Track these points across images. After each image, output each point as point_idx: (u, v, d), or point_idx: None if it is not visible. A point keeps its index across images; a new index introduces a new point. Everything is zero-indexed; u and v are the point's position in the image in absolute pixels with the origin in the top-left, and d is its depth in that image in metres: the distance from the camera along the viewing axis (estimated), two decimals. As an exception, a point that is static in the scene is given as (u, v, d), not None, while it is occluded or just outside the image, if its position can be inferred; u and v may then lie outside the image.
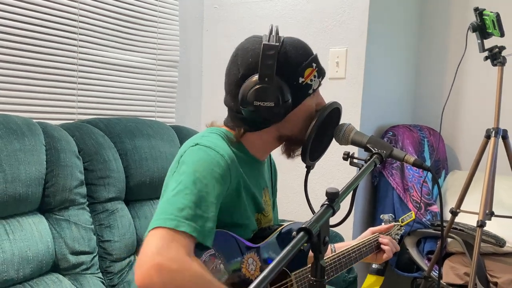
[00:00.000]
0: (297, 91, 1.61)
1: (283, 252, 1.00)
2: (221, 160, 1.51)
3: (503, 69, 2.81)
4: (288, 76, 1.59)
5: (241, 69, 1.61)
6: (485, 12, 2.75)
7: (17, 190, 2.08)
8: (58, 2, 2.77)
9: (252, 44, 1.62)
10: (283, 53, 1.59)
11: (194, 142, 1.56)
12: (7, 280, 2.00)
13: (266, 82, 1.54)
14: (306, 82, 1.62)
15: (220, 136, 1.65)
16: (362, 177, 1.43)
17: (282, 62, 1.57)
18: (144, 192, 2.67)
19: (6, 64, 2.57)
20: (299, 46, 1.65)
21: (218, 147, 1.54)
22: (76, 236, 2.28)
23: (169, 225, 1.35)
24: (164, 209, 1.41)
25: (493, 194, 2.87)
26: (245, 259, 1.60)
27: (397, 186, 3.39)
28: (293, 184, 2.54)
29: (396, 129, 3.53)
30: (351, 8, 3.25)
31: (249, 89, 1.56)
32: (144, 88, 3.35)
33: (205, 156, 1.50)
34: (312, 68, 1.64)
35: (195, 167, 1.48)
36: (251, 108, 1.56)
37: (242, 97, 1.58)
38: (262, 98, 1.54)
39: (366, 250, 2.03)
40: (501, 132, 2.83)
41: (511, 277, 2.93)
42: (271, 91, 1.54)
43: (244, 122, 1.65)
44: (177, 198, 1.42)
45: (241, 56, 1.63)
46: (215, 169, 1.48)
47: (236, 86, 1.61)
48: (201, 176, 1.46)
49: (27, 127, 2.21)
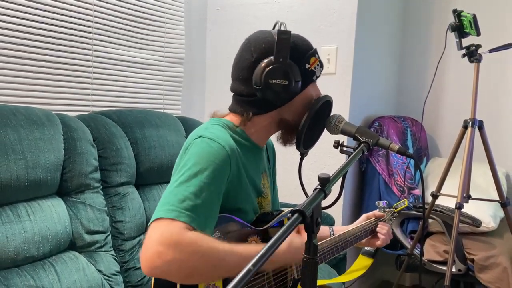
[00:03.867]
0: (304, 76, 1.61)
1: (280, 231, 0.99)
2: (222, 151, 1.49)
3: (479, 66, 2.82)
4: (298, 61, 1.60)
5: (255, 54, 1.60)
6: (463, 13, 2.75)
7: (37, 175, 2.08)
8: (75, 4, 2.76)
9: (263, 34, 1.63)
10: (293, 41, 1.60)
11: (197, 135, 1.55)
12: (29, 257, 2.01)
13: (281, 62, 1.55)
14: (311, 69, 1.63)
15: (222, 127, 1.64)
16: (351, 163, 1.43)
17: (293, 49, 1.59)
18: (153, 177, 2.67)
19: (28, 61, 2.57)
20: (304, 39, 1.67)
21: (219, 138, 1.53)
22: (91, 217, 2.28)
23: (169, 216, 1.35)
24: (167, 200, 1.40)
25: (470, 179, 2.87)
26: (249, 241, 1.59)
27: (382, 171, 3.39)
28: (288, 170, 2.54)
29: (382, 119, 3.53)
30: (341, 10, 3.24)
31: (264, 69, 1.56)
32: (152, 83, 3.34)
33: (207, 147, 1.49)
34: (315, 57, 1.65)
35: (197, 159, 1.47)
36: (266, 86, 1.56)
37: (256, 77, 1.58)
38: (277, 76, 1.55)
39: (361, 235, 2.02)
40: (477, 123, 2.83)
41: (486, 254, 2.93)
42: (286, 71, 1.55)
43: (254, 105, 1.64)
44: (179, 189, 1.41)
45: (254, 43, 1.63)
46: (216, 160, 1.47)
47: (248, 70, 1.61)
48: (203, 168, 1.45)
49: (47, 118, 2.21)
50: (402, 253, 3.24)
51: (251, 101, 1.64)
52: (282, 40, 1.53)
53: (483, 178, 3.29)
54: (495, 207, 3.15)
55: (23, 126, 2.07)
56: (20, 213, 2.02)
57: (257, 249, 1.39)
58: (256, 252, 1.14)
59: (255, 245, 1.42)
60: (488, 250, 2.95)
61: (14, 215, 1.99)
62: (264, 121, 1.68)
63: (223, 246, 1.38)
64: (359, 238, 2.01)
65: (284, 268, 1.70)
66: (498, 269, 2.88)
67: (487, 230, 3.07)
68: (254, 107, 1.65)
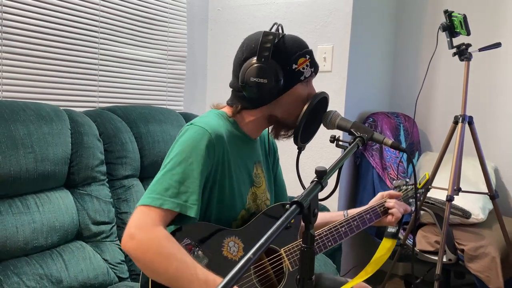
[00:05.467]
0: (290, 76, 1.61)
1: (278, 222, 0.99)
2: (206, 136, 1.53)
3: (469, 64, 2.81)
4: (283, 61, 1.60)
5: (245, 53, 1.63)
6: (453, 14, 2.75)
7: (46, 168, 2.09)
8: (82, 5, 2.76)
9: (257, 35, 1.64)
10: (282, 42, 1.61)
11: (190, 122, 1.61)
12: (37, 246, 2.02)
13: (263, 62, 1.57)
14: (298, 69, 1.63)
15: (216, 116, 1.67)
16: (347, 157, 1.43)
17: (279, 49, 1.60)
18: (156, 170, 2.60)
19: (38, 59, 2.58)
20: (297, 40, 1.66)
21: (207, 125, 1.56)
22: (97, 208, 2.28)
23: (154, 204, 1.44)
24: (154, 188, 1.49)
25: (460, 173, 2.87)
26: (225, 243, 1.58)
27: (376, 165, 3.39)
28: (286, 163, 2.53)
29: (376, 115, 3.53)
30: (337, 11, 3.24)
31: (248, 67, 1.59)
32: (156, 80, 3.34)
33: (193, 135, 1.54)
34: (305, 58, 1.64)
35: (183, 147, 1.52)
36: (249, 84, 1.58)
37: (242, 74, 1.60)
38: (258, 75, 1.56)
39: (370, 217, 1.88)
40: (467, 119, 2.83)
41: (475, 244, 2.93)
42: (266, 70, 1.56)
43: (242, 99, 1.67)
44: (164, 178, 1.50)
45: (247, 43, 1.65)
46: (200, 146, 1.51)
47: (239, 67, 1.64)
48: (187, 156, 1.50)
49: (55, 114, 2.21)
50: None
51: (240, 96, 1.67)
52: (265, 41, 1.56)
53: (473, 172, 3.29)
54: (484, 199, 3.15)
55: (32, 121, 2.07)
56: (29, 204, 2.03)
57: (214, 278, 1.40)
58: (213, 280, 1.34)
59: (214, 275, 1.42)
60: (478, 240, 2.96)
61: (23, 207, 2.00)
62: (253, 115, 1.70)
63: (185, 257, 1.41)
64: (368, 220, 1.88)
65: (279, 260, 1.70)
66: (487, 259, 2.89)
67: (477, 221, 3.07)
68: (242, 102, 1.68)
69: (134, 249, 1.39)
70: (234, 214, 1.69)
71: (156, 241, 1.39)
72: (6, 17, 2.42)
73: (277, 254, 1.70)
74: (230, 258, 1.58)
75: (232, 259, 1.59)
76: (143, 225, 1.41)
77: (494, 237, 2.98)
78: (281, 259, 1.70)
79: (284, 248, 1.71)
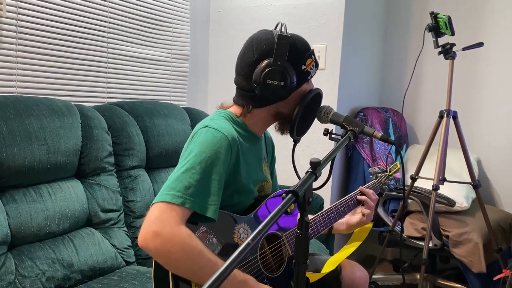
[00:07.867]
0: (299, 76, 1.60)
1: (275, 210, 0.99)
2: (225, 140, 1.49)
3: (454, 62, 2.83)
4: (295, 63, 1.58)
5: (256, 54, 1.59)
6: (439, 15, 2.75)
7: (58, 159, 2.09)
8: (92, 7, 2.75)
9: (265, 35, 1.60)
10: (293, 44, 1.59)
11: (204, 125, 1.55)
12: (50, 232, 2.02)
13: (279, 65, 1.54)
14: (306, 70, 1.62)
15: (226, 119, 1.63)
16: (339, 149, 1.43)
17: (292, 52, 1.57)
18: (161, 161, 2.67)
19: (50, 57, 2.57)
20: (303, 41, 1.64)
21: (223, 129, 1.52)
22: (105, 197, 2.28)
23: (176, 201, 1.37)
24: (174, 185, 1.41)
25: (445, 164, 2.87)
26: (236, 229, 1.57)
27: (367, 157, 3.39)
28: (282, 155, 2.53)
29: (366, 110, 3.53)
30: (330, 12, 3.23)
31: (263, 70, 1.55)
32: (161, 77, 3.33)
33: (212, 137, 1.49)
34: (311, 59, 1.63)
35: (202, 147, 1.47)
36: (266, 85, 1.55)
37: (256, 76, 1.57)
38: (274, 78, 1.54)
39: (344, 209, 1.92)
40: (451, 113, 2.84)
41: (459, 231, 2.94)
42: (282, 73, 1.54)
43: (253, 99, 1.63)
44: (184, 176, 1.42)
45: (256, 44, 1.60)
46: (219, 149, 1.47)
47: (250, 68, 1.59)
48: (207, 156, 1.45)
49: (66, 108, 2.21)
50: (384, 230, 3.25)
51: (251, 96, 1.63)
52: (281, 45, 1.53)
53: (457, 163, 3.30)
54: (468, 189, 3.15)
55: (45, 115, 2.07)
56: (42, 193, 2.03)
57: (236, 273, 1.41)
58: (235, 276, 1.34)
59: (237, 270, 1.42)
60: (461, 227, 2.96)
61: (37, 195, 2.00)
62: (262, 113, 1.67)
63: (208, 255, 1.38)
64: (342, 213, 1.92)
65: (279, 246, 1.71)
66: (470, 244, 2.90)
67: (461, 209, 3.08)
68: (253, 101, 1.64)
69: (160, 246, 1.32)
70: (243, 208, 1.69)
71: (182, 240, 1.32)
72: (22, 18, 2.41)
73: (280, 240, 1.71)
74: (240, 244, 1.56)
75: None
76: (167, 222, 1.34)
77: (477, 224, 2.99)
78: (283, 244, 1.71)
79: (285, 233, 1.72)
